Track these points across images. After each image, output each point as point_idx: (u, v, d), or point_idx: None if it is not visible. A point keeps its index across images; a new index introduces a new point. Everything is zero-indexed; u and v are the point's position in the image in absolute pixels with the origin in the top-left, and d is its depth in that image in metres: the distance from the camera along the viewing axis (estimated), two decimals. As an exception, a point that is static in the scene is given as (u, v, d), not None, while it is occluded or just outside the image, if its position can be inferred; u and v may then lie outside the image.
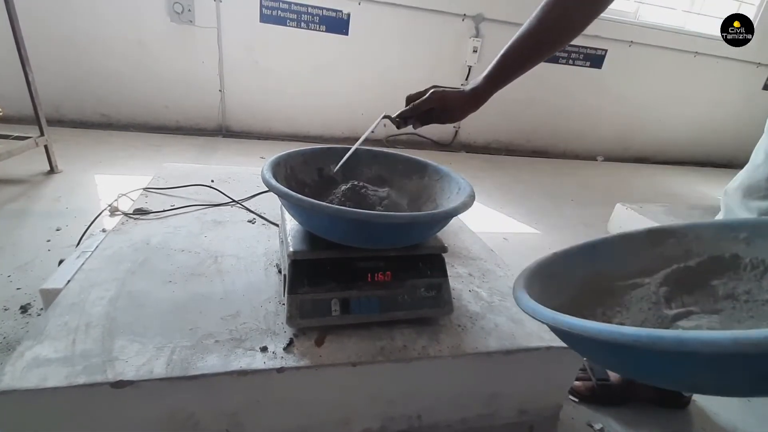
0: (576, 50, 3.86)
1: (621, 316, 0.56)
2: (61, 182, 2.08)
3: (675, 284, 0.58)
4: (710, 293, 0.56)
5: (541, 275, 0.59)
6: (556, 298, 0.57)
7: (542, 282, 0.58)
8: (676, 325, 0.52)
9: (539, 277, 0.58)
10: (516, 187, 3.04)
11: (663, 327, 0.52)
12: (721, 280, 0.56)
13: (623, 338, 0.34)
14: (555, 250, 0.63)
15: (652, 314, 0.55)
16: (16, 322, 1.11)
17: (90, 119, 3.12)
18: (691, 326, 0.50)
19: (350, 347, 0.72)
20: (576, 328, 0.39)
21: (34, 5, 2.69)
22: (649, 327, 0.51)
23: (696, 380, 0.37)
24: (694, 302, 0.55)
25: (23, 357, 0.61)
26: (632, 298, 0.59)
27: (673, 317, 0.53)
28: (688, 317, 0.52)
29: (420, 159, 0.93)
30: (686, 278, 0.59)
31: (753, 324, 0.48)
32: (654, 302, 0.56)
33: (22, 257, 1.40)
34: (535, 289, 0.54)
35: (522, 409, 0.86)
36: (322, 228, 0.70)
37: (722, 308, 0.52)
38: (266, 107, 3.42)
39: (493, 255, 1.12)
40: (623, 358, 0.40)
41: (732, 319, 0.50)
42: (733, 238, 0.60)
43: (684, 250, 0.64)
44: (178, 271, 0.86)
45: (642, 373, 0.41)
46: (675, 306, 0.55)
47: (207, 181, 1.32)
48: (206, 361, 0.64)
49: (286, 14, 3.15)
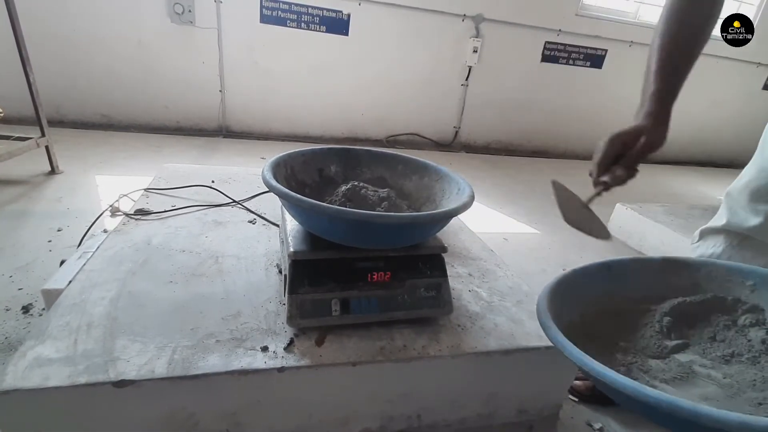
0: (576, 50, 3.87)
1: (626, 341, 0.61)
2: (62, 183, 2.09)
3: (678, 316, 0.64)
4: (707, 332, 0.62)
5: (560, 293, 0.63)
6: (568, 315, 0.61)
7: (560, 299, 0.61)
8: (672, 357, 0.58)
9: (558, 296, 0.62)
10: (516, 188, 3.04)
11: (662, 357, 0.58)
12: (719, 319, 0.63)
13: (646, 398, 0.41)
14: (573, 267, 0.67)
15: (653, 342, 0.60)
16: (17, 323, 1.12)
17: (90, 120, 3.13)
18: (686, 360, 0.57)
19: (350, 347, 0.72)
20: (607, 379, 0.44)
21: (35, 6, 2.70)
22: (649, 354, 0.59)
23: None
24: (692, 335, 0.62)
25: (25, 357, 0.61)
26: (638, 322, 0.64)
27: (672, 348, 0.59)
28: (684, 350, 0.59)
29: (420, 159, 0.93)
30: (689, 312, 0.64)
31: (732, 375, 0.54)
32: (657, 331, 0.62)
33: (23, 258, 1.41)
34: (553, 307, 0.58)
35: (521, 409, 0.86)
36: (323, 228, 0.71)
37: (713, 350, 0.59)
38: (266, 108, 3.43)
39: (493, 255, 1.12)
40: (639, 407, 0.45)
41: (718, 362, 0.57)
42: (741, 283, 0.66)
43: (692, 284, 0.69)
44: (179, 271, 0.87)
45: (654, 420, 0.46)
46: (675, 336, 0.61)
47: (207, 181, 1.32)
48: (207, 360, 0.64)
49: (287, 15, 3.15)
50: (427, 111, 3.80)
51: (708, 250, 0.94)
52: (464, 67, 3.68)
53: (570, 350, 0.49)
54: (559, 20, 3.70)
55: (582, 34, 3.80)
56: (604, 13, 3.83)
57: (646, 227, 2.18)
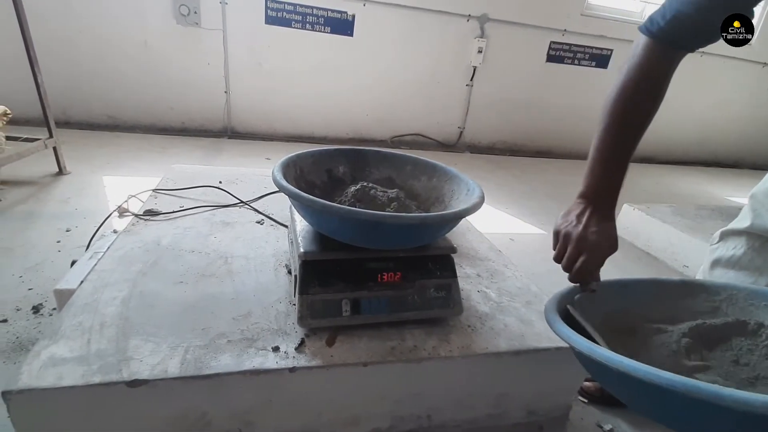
0: (581, 50, 3.85)
1: (639, 357, 0.58)
2: (70, 184, 2.10)
3: (698, 338, 0.60)
4: (729, 355, 0.58)
5: (571, 302, 0.61)
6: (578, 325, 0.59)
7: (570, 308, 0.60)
8: (693, 376, 0.53)
9: (569, 303, 0.61)
10: (521, 188, 3.03)
11: None
12: (742, 343, 0.59)
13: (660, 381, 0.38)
14: None
15: (670, 361, 0.57)
16: (28, 322, 1.12)
17: (97, 121, 3.15)
18: (709, 380, 0.52)
19: (361, 347, 0.72)
20: (613, 363, 0.42)
21: (42, 9, 2.72)
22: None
23: None
24: (711, 358, 0.58)
25: (39, 356, 0.61)
26: (653, 341, 0.61)
27: (691, 368, 0.55)
28: (705, 371, 0.55)
29: (429, 160, 0.93)
30: (709, 335, 0.61)
31: None
32: (674, 351, 0.59)
33: (33, 258, 1.42)
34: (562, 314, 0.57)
35: (531, 410, 0.86)
36: (333, 229, 0.71)
37: (737, 373, 0.54)
38: (271, 108, 3.44)
39: (500, 255, 1.12)
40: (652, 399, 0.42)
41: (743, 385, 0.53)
42: (764, 307, 0.63)
43: (713, 307, 0.66)
44: (188, 271, 0.87)
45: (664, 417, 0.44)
46: (694, 358, 0.58)
47: (215, 182, 1.32)
48: (219, 360, 0.65)
49: (291, 16, 3.16)
50: (432, 111, 3.80)
51: (728, 252, 0.92)
52: (469, 67, 3.68)
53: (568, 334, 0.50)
54: (565, 20, 3.69)
55: (587, 33, 3.78)
56: (610, 12, 3.82)
57: (654, 228, 2.17)
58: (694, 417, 0.41)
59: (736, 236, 0.93)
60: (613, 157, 0.68)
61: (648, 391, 0.41)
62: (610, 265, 0.67)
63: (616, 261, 1.90)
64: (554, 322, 0.57)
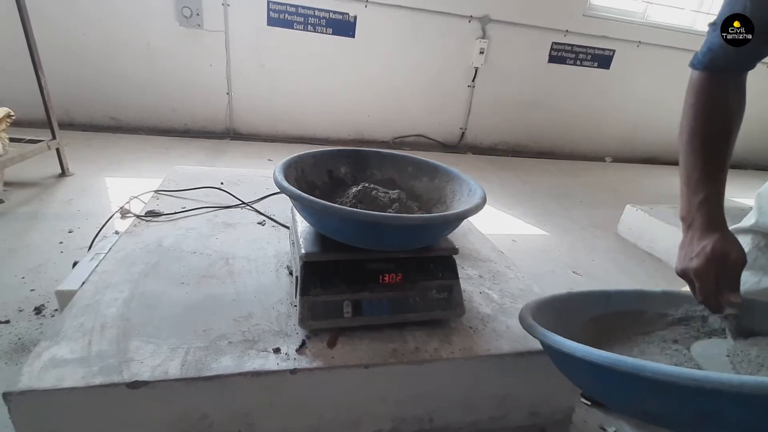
0: (584, 51, 3.85)
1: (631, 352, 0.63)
2: (73, 185, 2.11)
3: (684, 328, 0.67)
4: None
5: (553, 308, 0.65)
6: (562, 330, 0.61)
7: (551, 314, 0.63)
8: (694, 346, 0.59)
9: (551, 309, 0.64)
10: (523, 189, 3.03)
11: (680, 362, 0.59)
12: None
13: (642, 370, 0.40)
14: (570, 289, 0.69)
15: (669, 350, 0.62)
16: (30, 323, 1.13)
17: (100, 122, 3.16)
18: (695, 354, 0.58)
19: (362, 349, 0.72)
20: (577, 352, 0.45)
21: (45, 10, 2.73)
22: (666, 360, 0.59)
23: None
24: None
25: (41, 357, 0.61)
26: (638, 338, 0.66)
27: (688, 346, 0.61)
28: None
29: (430, 161, 0.93)
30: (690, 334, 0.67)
31: None
32: (662, 340, 0.64)
33: (35, 259, 1.42)
34: (542, 319, 0.60)
35: (533, 412, 0.86)
36: (334, 230, 0.71)
37: None
38: (273, 110, 3.45)
39: (503, 257, 1.11)
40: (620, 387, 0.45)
41: None
42: None
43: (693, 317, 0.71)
44: (190, 272, 0.87)
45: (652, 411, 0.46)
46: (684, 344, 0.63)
47: (216, 183, 1.33)
48: (220, 362, 0.64)
49: (293, 17, 3.17)
50: (434, 112, 3.80)
51: None
52: (471, 68, 3.68)
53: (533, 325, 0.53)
54: (567, 21, 3.68)
55: (589, 34, 3.78)
56: (612, 13, 3.81)
57: (657, 229, 2.16)
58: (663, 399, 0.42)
59: (741, 235, 0.92)
60: (704, 176, 0.72)
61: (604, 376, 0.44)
62: (613, 266, 0.67)
63: (619, 263, 1.90)
64: (524, 318, 0.60)
